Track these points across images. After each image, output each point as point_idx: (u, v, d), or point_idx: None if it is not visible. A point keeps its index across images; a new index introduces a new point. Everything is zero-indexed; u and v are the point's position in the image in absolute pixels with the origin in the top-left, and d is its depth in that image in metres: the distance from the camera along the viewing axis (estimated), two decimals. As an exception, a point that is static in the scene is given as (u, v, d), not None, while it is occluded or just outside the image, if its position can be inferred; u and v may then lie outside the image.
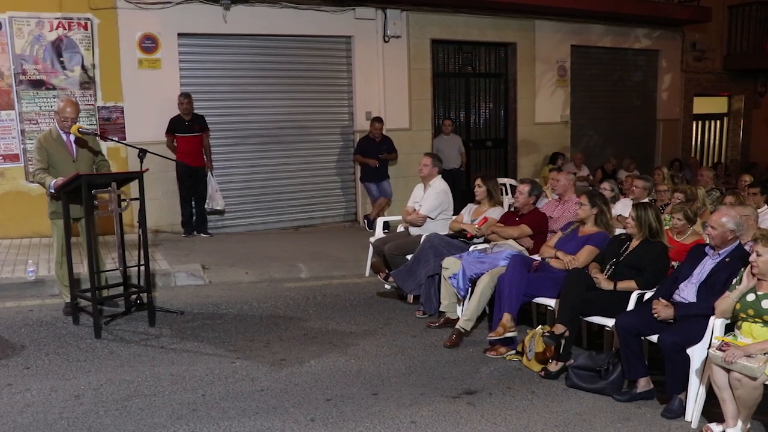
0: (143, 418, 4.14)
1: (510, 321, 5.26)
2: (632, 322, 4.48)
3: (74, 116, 5.83)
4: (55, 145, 5.86)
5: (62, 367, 4.91)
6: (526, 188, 6.34)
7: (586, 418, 4.25)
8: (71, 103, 5.94)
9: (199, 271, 7.39)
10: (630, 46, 13.63)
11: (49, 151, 5.83)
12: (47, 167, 5.80)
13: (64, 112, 5.80)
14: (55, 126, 5.92)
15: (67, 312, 5.97)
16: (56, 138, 5.88)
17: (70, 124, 5.79)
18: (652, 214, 5.04)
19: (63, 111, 5.81)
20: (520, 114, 12.35)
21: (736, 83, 15.67)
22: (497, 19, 11.65)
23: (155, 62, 9.02)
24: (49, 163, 5.81)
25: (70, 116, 5.80)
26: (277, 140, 10.11)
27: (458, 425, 4.12)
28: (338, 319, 6.16)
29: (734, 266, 4.32)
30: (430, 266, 6.17)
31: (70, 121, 5.79)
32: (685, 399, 4.26)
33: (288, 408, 4.31)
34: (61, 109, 5.85)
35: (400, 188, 10.35)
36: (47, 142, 5.85)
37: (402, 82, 10.84)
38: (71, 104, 5.91)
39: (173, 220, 9.32)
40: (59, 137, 5.87)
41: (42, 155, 5.81)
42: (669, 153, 14.30)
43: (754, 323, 3.98)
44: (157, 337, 5.58)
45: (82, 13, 8.57)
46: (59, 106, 5.94)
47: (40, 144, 5.86)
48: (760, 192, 7.13)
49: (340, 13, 10.14)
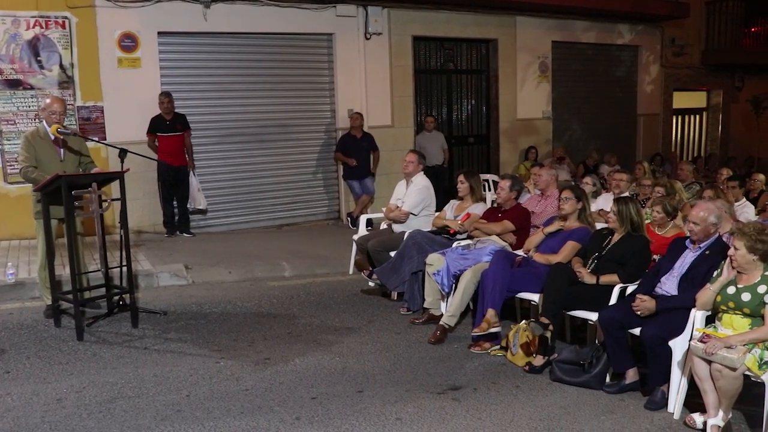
0: (127, 420, 4.11)
1: (494, 316, 5.28)
2: (615, 316, 4.51)
3: (61, 112, 5.81)
4: (42, 144, 5.81)
5: (44, 370, 4.86)
6: (507, 183, 6.36)
7: (570, 412, 4.28)
8: (58, 100, 5.94)
9: (182, 271, 7.35)
10: (610, 41, 13.73)
11: (37, 149, 5.78)
12: (35, 165, 5.75)
13: (51, 107, 5.79)
14: (43, 125, 5.87)
15: (48, 314, 5.91)
16: (44, 137, 5.82)
17: (57, 120, 5.75)
18: (633, 208, 5.09)
19: (50, 107, 5.80)
20: (502, 110, 12.40)
21: (715, 78, 15.85)
22: (479, 15, 11.68)
23: (135, 61, 8.94)
24: (36, 161, 5.77)
25: (57, 111, 5.77)
26: (259, 138, 10.07)
27: (443, 421, 4.13)
28: (322, 317, 6.15)
29: (714, 259, 4.36)
30: (414, 263, 6.18)
31: (57, 115, 5.76)
32: (667, 391, 4.31)
33: (273, 407, 4.30)
34: (47, 105, 5.83)
35: (383, 185, 10.35)
36: (35, 140, 5.80)
37: (384, 79, 10.84)
38: (58, 101, 5.91)
39: (155, 221, 9.26)
40: (47, 136, 5.81)
41: (30, 152, 5.76)
42: (649, 147, 14.43)
43: (734, 315, 4.02)
44: (141, 338, 5.54)
45: (60, 12, 8.48)
46: (46, 102, 5.92)
47: (27, 141, 5.80)
48: (739, 185, 7.22)
49: (321, 10, 10.12)
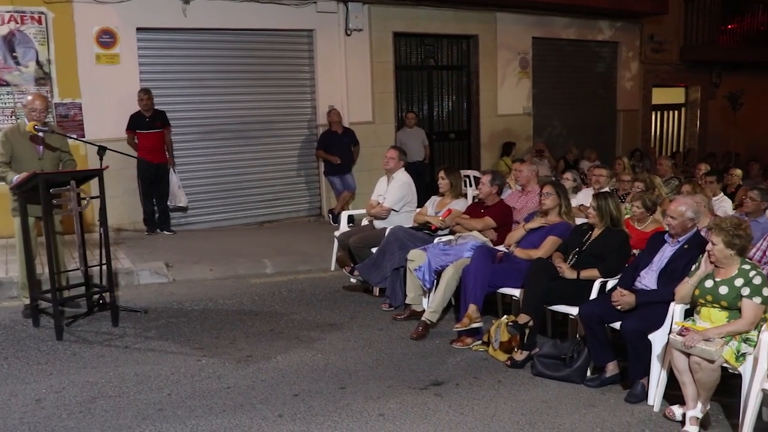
0: (108, 419, 4.08)
1: (475, 312, 5.30)
2: (595, 310, 4.55)
3: (41, 109, 5.74)
4: (21, 140, 5.74)
5: (22, 371, 4.80)
6: (487, 178, 6.40)
7: (552, 406, 4.31)
8: (39, 97, 5.88)
9: (162, 269, 7.30)
10: (590, 38, 13.82)
11: (14, 145, 5.71)
12: (9, 162, 5.69)
13: (31, 104, 5.72)
14: (24, 121, 5.81)
15: (26, 314, 5.85)
16: (23, 133, 5.75)
17: (38, 117, 5.69)
18: (612, 203, 5.13)
19: (31, 104, 5.73)
20: (482, 106, 12.43)
21: (693, 74, 16.01)
22: (459, 11, 11.70)
23: (113, 57, 8.85)
24: (12, 158, 5.70)
25: (38, 108, 5.70)
26: (240, 135, 10.01)
27: (426, 416, 4.15)
28: (304, 314, 6.14)
29: (693, 253, 4.41)
30: (396, 259, 6.18)
31: (38, 113, 5.70)
32: (647, 383, 4.36)
33: (255, 404, 4.28)
34: (29, 102, 5.77)
35: (364, 182, 10.34)
36: (13, 136, 5.75)
37: (365, 75, 10.83)
38: (39, 98, 5.85)
39: (135, 218, 9.18)
40: (26, 133, 5.74)
41: (6, 149, 5.70)
42: (629, 143, 14.55)
43: (712, 308, 4.07)
44: (121, 337, 5.49)
45: (36, 7, 8.35)
46: (27, 99, 5.86)
47: (5, 137, 5.74)
48: (716, 180, 7.31)
49: (301, 6, 10.08)
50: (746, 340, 3.91)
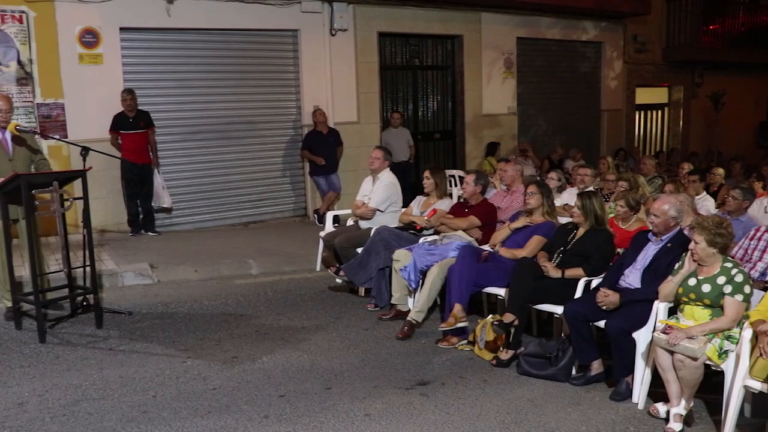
0: (92, 422, 4.05)
1: (461, 311, 5.31)
2: (580, 309, 4.58)
3: (7, 109, 5.66)
4: None
5: (4, 374, 4.75)
6: (471, 178, 6.42)
7: (537, 404, 4.33)
8: (3, 97, 5.77)
9: (147, 270, 7.25)
10: (575, 38, 13.90)
11: None
12: None
13: None
14: None
15: (8, 317, 5.78)
16: None
17: (3, 117, 5.62)
18: (596, 202, 5.16)
19: None
20: (467, 105, 12.45)
21: (676, 74, 16.16)
22: (444, 11, 11.72)
23: (96, 57, 8.77)
24: None
25: (3, 108, 5.63)
26: (225, 135, 9.97)
27: (412, 416, 4.15)
28: (290, 315, 6.13)
29: (676, 251, 4.45)
30: (381, 259, 6.18)
31: (3, 113, 5.62)
32: (631, 381, 4.38)
33: (241, 406, 4.27)
34: None
35: (350, 182, 10.34)
36: None
37: (349, 75, 10.81)
38: (3, 98, 5.75)
39: (119, 219, 9.11)
40: None
41: None
42: (613, 142, 14.64)
43: (696, 306, 4.11)
44: (105, 339, 5.45)
45: (16, 6, 8.25)
46: None
47: None
48: (699, 179, 7.38)
49: (286, 6, 10.05)
50: (729, 337, 3.95)
